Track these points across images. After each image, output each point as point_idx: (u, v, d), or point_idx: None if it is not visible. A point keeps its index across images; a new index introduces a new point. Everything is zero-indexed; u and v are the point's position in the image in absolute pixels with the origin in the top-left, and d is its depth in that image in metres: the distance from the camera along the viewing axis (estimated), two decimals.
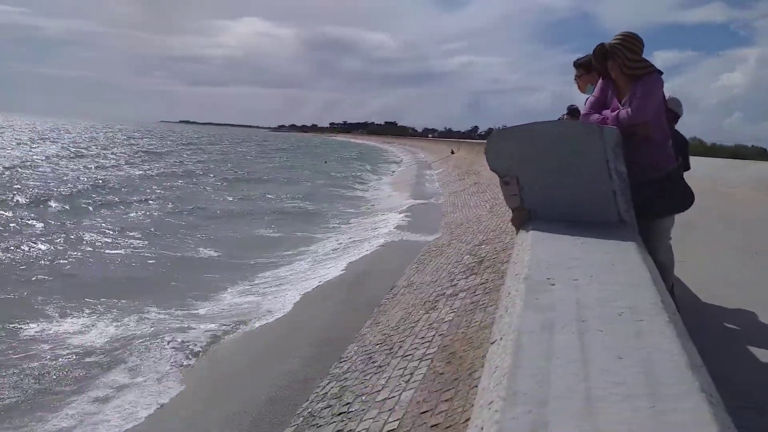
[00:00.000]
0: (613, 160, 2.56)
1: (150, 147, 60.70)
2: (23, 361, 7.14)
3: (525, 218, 2.61)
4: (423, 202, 20.63)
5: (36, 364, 7.01)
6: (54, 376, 6.75)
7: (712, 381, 1.30)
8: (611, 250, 2.04)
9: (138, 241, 14.46)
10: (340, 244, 14.45)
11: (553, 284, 1.66)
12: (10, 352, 7.39)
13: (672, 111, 4.56)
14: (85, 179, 27.64)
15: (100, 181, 27.02)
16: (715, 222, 9.39)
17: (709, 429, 1.03)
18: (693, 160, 5.91)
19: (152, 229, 16.02)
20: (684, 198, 3.42)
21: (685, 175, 3.88)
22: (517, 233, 2.65)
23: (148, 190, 25.20)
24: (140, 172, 33.84)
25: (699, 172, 16.85)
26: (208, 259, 12.97)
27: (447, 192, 23.37)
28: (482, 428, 1.04)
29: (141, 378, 6.69)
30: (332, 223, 18.30)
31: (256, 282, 10.99)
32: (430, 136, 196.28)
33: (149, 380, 6.62)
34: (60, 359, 7.17)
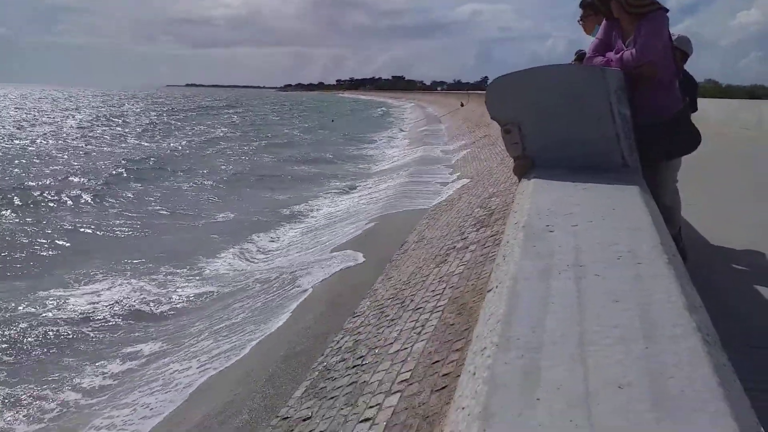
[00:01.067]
0: (616, 103, 2.50)
1: (172, 117, 58.87)
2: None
3: (527, 167, 2.57)
4: (432, 157, 20.49)
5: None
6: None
7: (711, 321, 1.29)
8: (613, 195, 2.01)
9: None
10: (347, 203, 14.52)
11: (552, 231, 1.64)
12: None
13: (680, 50, 4.41)
14: (141, 153, 27.52)
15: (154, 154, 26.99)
16: (728, 164, 9.25)
17: (703, 368, 1.03)
18: (707, 102, 5.79)
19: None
20: (690, 140, 3.33)
21: (698, 116, 3.78)
22: (519, 182, 2.62)
23: (207, 160, 25.37)
24: (184, 141, 33.37)
25: (713, 113, 16.55)
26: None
27: (456, 146, 23.17)
28: (474, 373, 1.05)
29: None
30: (337, 183, 18.44)
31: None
32: (439, 89, 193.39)
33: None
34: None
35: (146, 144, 31.93)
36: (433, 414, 3.34)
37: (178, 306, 8.22)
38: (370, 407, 3.95)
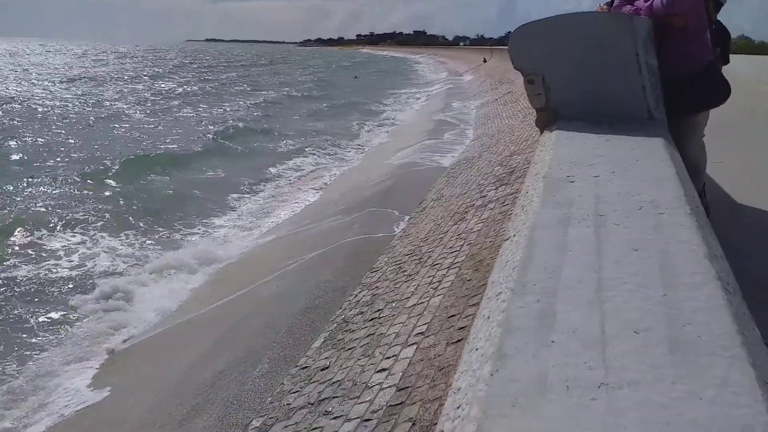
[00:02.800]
0: (643, 53, 2.41)
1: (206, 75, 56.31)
2: None
3: (550, 119, 2.51)
4: (454, 116, 20.21)
5: None
6: None
7: (732, 272, 1.27)
8: (637, 147, 1.96)
9: None
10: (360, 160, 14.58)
11: (572, 181, 1.61)
12: None
13: None
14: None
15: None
16: (758, 122, 8.98)
17: (723, 315, 1.02)
18: (739, 59, 5.58)
19: None
20: (720, 92, 3.22)
21: (728, 74, 3.64)
22: (541, 134, 2.57)
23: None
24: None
25: (744, 70, 15.95)
26: None
27: (479, 103, 22.79)
28: (489, 317, 1.05)
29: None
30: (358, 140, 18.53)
31: None
32: (461, 44, 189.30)
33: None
34: None
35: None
36: (448, 365, 3.40)
37: None
38: (387, 358, 4.02)
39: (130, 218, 10.80)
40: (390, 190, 10.46)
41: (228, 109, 28.17)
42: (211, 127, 21.72)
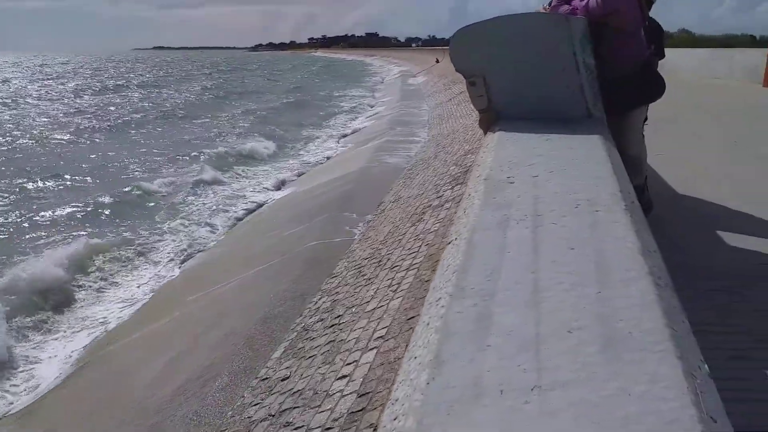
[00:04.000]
0: (580, 52, 2.47)
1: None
2: None
3: (493, 120, 2.54)
4: (407, 118, 20.32)
5: None
6: None
7: (665, 265, 1.31)
8: (575, 146, 2.00)
9: None
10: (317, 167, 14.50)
11: (512, 182, 1.64)
12: None
13: None
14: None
15: None
16: (698, 113, 9.33)
17: (653, 310, 1.05)
18: (681, 52, 5.79)
19: None
20: (655, 88, 3.33)
21: (671, 67, 3.77)
22: (485, 135, 2.60)
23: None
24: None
25: (685, 63, 16.57)
26: None
27: (432, 104, 22.99)
28: (428, 323, 1.05)
29: None
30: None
31: None
32: (413, 45, 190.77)
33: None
34: None
35: None
36: None
37: None
38: (347, 364, 4.00)
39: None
40: (348, 193, 10.44)
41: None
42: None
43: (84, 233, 10.28)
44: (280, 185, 13.61)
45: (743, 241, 3.63)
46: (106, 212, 11.78)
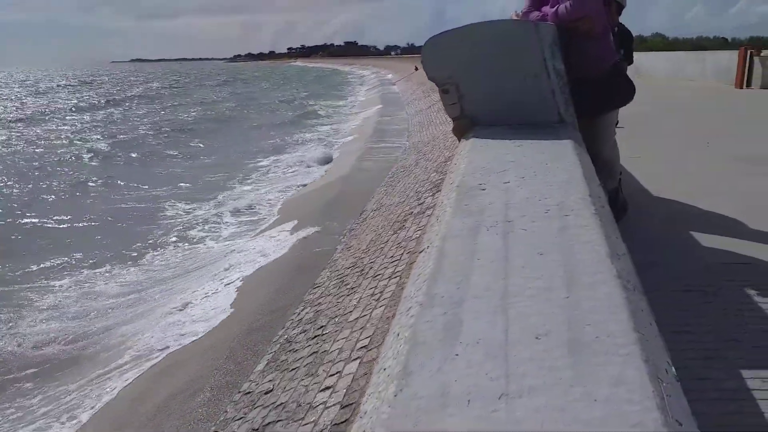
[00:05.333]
0: (550, 58, 2.50)
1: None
2: None
3: (467, 127, 2.56)
4: (386, 126, 20.37)
5: None
6: None
7: (634, 268, 1.32)
8: (546, 151, 2.02)
9: None
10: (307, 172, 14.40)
11: (484, 189, 1.64)
12: None
13: (616, 2, 4.46)
14: None
15: None
16: (671, 115, 9.50)
17: (620, 313, 1.06)
18: (654, 56, 5.89)
19: None
20: (625, 92, 3.38)
21: (646, 69, 3.83)
22: (459, 142, 2.61)
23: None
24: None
25: (658, 66, 16.85)
26: None
27: (412, 111, 23.09)
28: (398, 334, 1.05)
29: None
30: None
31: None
32: (392, 53, 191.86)
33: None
34: None
35: None
36: None
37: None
38: (331, 375, 3.98)
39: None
40: (331, 201, 10.43)
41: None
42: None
43: None
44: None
45: (717, 241, 3.69)
46: None
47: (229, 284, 7.50)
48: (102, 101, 45.93)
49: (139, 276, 8.53)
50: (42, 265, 9.07)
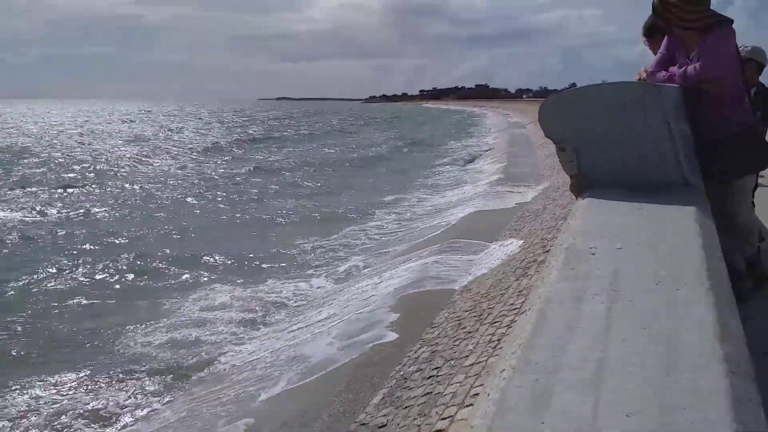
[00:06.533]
0: (674, 120, 2.43)
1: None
2: None
3: (583, 185, 2.55)
4: (516, 169, 20.12)
5: None
6: None
7: (747, 351, 1.26)
8: (666, 216, 1.97)
9: None
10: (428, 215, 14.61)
11: (593, 253, 1.66)
12: None
13: (755, 61, 4.19)
14: None
15: None
16: None
17: (720, 402, 1.03)
18: None
19: None
20: (761, 156, 3.14)
21: None
22: (575, 200, 2.60)
23: None
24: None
25: None
26: None
27: (543, 154, 22.61)
28: (489, 394, 1.11)
29: None
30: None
31: None
32: (524, 96, 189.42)
33: None
34: None
35: None
36: None
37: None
38: (443, 419, 4.01)
39: None
40: (453, 241, 10.48)
41: None
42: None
43: None
44: None
45: None
46: None
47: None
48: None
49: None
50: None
